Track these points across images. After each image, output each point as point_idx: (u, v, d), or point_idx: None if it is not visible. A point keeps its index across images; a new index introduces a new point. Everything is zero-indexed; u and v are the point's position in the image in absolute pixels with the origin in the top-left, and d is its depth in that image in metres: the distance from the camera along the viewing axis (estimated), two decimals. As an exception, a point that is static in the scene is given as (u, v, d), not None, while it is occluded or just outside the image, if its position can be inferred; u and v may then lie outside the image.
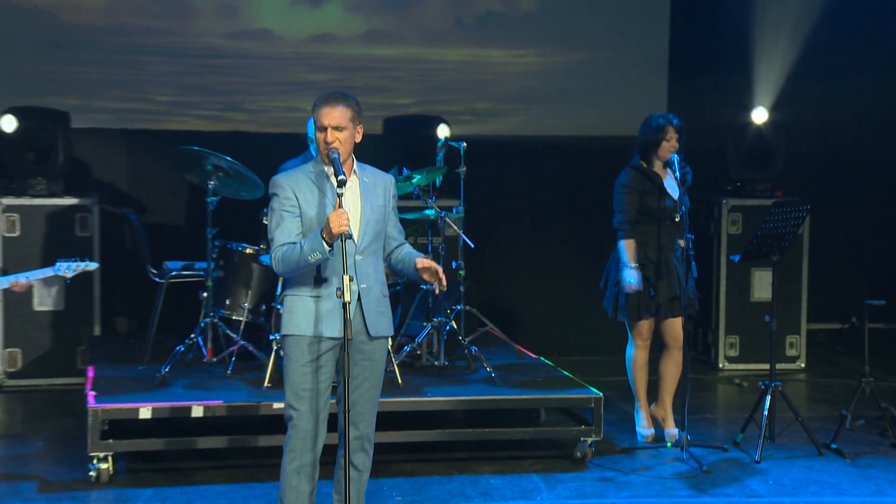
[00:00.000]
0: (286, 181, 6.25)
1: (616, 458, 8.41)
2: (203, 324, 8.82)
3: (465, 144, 9.16)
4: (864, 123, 12.24)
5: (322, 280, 6.19)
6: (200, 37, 11.16)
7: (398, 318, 9.09)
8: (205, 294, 8.82)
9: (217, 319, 8.83)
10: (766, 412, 8.52)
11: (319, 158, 6.24)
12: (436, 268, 6.24)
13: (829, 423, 8.92)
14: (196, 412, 7.88)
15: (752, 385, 10.22)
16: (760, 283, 11.03)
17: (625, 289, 8.39)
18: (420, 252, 6.44)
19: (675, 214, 8.45)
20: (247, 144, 10.73)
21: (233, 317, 8.80)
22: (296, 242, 6.12)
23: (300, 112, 10.69)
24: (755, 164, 11.24)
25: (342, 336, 6.07)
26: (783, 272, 10.98)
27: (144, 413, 7.84)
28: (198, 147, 8.73)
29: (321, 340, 6.17)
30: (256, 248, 8.78)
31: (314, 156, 7.07)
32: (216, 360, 8.85)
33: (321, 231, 6.01)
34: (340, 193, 6.02)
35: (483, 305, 11.01)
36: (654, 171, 8.61)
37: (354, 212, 6.24)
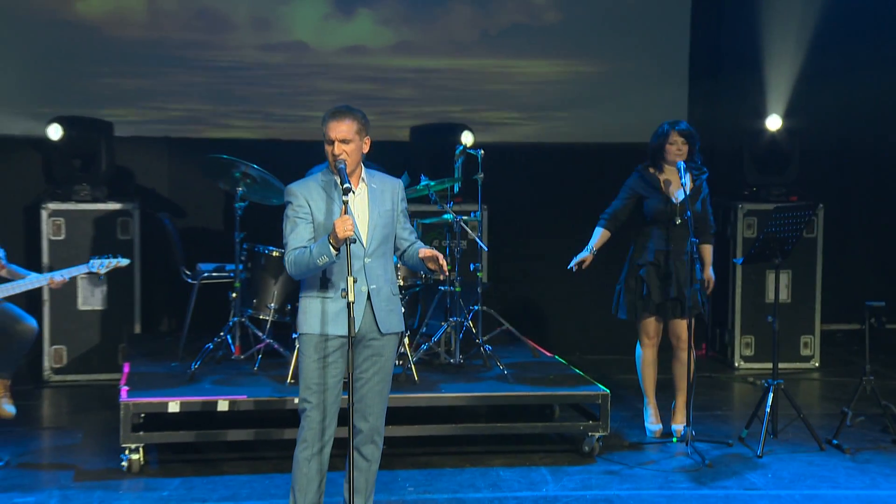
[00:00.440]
0: (299, 190, 6.52)
1: (624, 453, 8.57)
2: (231, 323, 9.05)
3: (483, 152, 9.29)
4: (879, 126, 12.25)
5: (330, 282, 6.47)
6: (237, 49, 11.31)
7: (418, 318, 9.34)
8: (233, 294, 9.06)
9: (245, 319, 9.05)
10: (769, 409, 8.68)
11: (329, 168, 6.51)
12: (436, 255, 6.49)
13: (834, 420, 9.03)
14: (222, 406, 8.11)
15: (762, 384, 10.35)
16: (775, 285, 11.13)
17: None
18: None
19: (676, 217, 8.60)
20: (282, 151, 10.91)
21: (260, 316, 8.98)
22: (306, 247, 6.39)
23: None
24: (770, 170, 11.33)
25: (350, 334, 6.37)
26: (798, 274, 11.18)
27: (173, 407, 8.10)
28: (227, 155, 8.94)
29: (328, 339, 6.44)
30: (282, 252, 9.01)
31: None
32: (244, 358, 9.05)
33: (328, 236, 6.28)
34: (346, 201, 6.29)
35: (507, 306, 11.26)
36: (655, 176, 8.77)
37: (363, 217, 6.51)
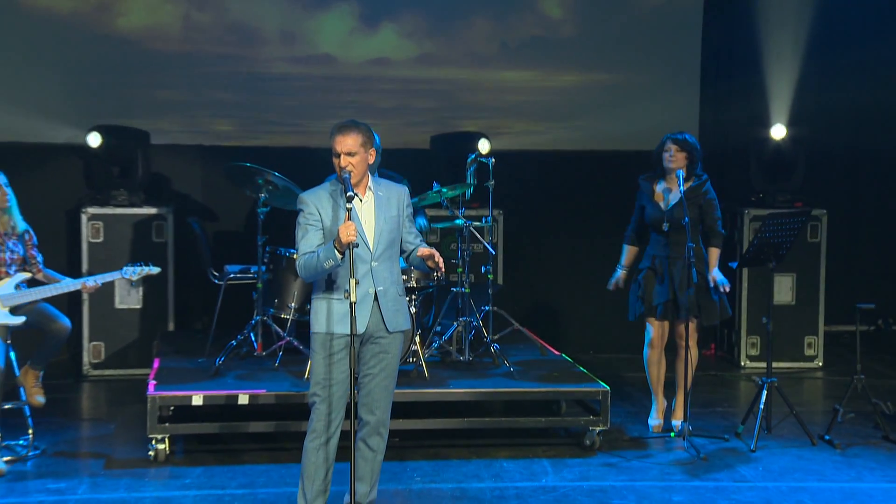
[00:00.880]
0: (310, 198, 6.83)
1: (624, 447, 8.78)
2: (254, 321, 9.34)
3: (494, 160, 9.51)
4: (884, 132, 12.37)
5: (336, 284, 6.77)
6: (267, 62, 11.53)
7: (432, 317, 9.61)
8: (256, 295, 9.36)
9: (267, 317, 9.32)
10: (763, 406, 8.88)
11: (338, 178, 6.81)
12: (433, 252, 6.77)
13: (829, 417, 9.19)
14: (242, 400, 8.38)
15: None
16: (781, 288, 11.32)
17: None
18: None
19: (664, 224, 8.82)
20: (308, 158, 11.00)
21: (281, 315, 9.21)
22: (315, 252, 6.69)
23: None
24: (776, 177, 11.51)
25: (358, 332, 6.67)
26: (802, 277, 11.36)
27: (196, 400, 8.38)
28: (249, 164, 9.21)
29: (334, 337, 6.74)
30: (302, 255, 9.29)
31: None
32: (266, 354, 9.30)
33: (333, 241, 6.59)
34: (349, 209, 6.59)
35: (521, 306, 11.52)
36: (651, 185, 9.00)
37: (370, 223, 6.80)
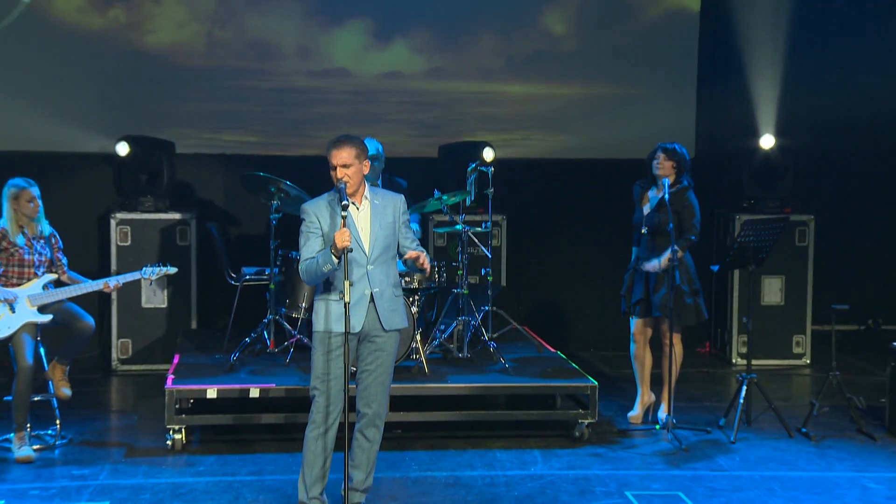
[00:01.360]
0: (311, 208, 7.18)
1: (612, 438, 9.07)
2: (267, 320, 9.65)
3: (493, 169, 9.81)
4: (868, 142, 12.57)
5: (334, 286, 7.11)
6: (286, 75, 11.76)
7: (434, 315, 9.93)
8: (269, 295, 9.69)
9: (279, 316, 9.64)
10: (742, 400, 9.15)
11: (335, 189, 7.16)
12: (417, 254, 7.09)
13: (808, 411, 9.40)
14: (253, 393, 8.71)
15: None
16: (770, 289, 11.60)
17: None
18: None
19: (643, 227, 9.11)
20: (326, 167, 11.44)
21: (292, 314, 9.51)
22: (315, 257, 7.04)
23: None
24: (767, 184, 11.75)
25: (354, 331, 7.02)
26: (791, 279, 11.63)
27: (211, 393, 8.72)
28: (263, 173, 9.50)
29: (332, 335, 7.08)
30: (312, 258, 9.60)
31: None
32: (278, 351, 9.59)
33: (330, 247, 6.93)
34: (344, 216, 6.93)
35: (525, 306, 11.81)
36: (642, 191, 9.27)
37: (366, 230, 7.14)
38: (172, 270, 8.88)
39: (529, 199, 12.06)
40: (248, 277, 10.06)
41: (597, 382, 9.05)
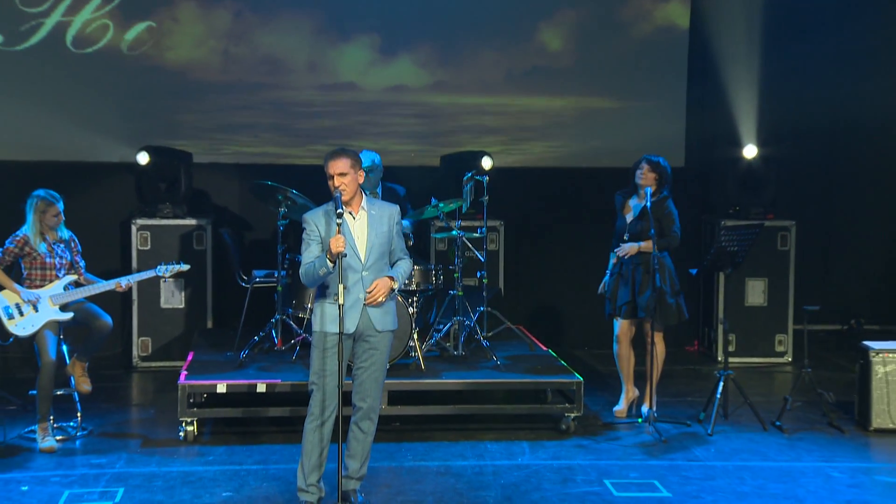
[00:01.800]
0: (311, 217, 7.47)
1: (597, 431, 9.34)
2: (274, 320, 9.93)
3: (488, 178, 10.09)
4: (847, 150, 12.84)
5: (329, 290, 7.41)
6: (297, 89, 12.00)
7: (432, 316, 10.22)
8: (277, 296, 9.97)
9: (286, 316, 9.91)
10: (719, 395, 9.41)
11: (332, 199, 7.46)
12: (376, 284, 7.33)
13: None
14: (260, 388, 9.00)
15: (740, 375, 10.78)
16: (754, 291, 11.86)
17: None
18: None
19: (625, 234, 9.39)
20: None
21: (298, 314, 9.76)
22: (313, 262, 7.34)
23: (380, 150, 11.28)
24: (751, 191, 12.00)
25: (348, 332, 7.33)
26: (773, 281, 11.88)
27: (220, 388, 9.00)
28: (271, 182, 9.78)
29: (327, 335, 7.39)
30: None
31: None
32: (285, 349, 9.87)
33: (326, 252, 7.24)
34: (339, 223, 7.22)
35: (522, 307, 12.06)
36: (623, 199, 9.53)
37: (362, 238, 7.42)
38: (185, 268, 9.18)
39: (526, 205, 12.32)
40: (258, 280, 10.33)
41: (582, 378, 9.32)
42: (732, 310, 11.76)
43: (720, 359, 11.82)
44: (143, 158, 11.45)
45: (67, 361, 9.16)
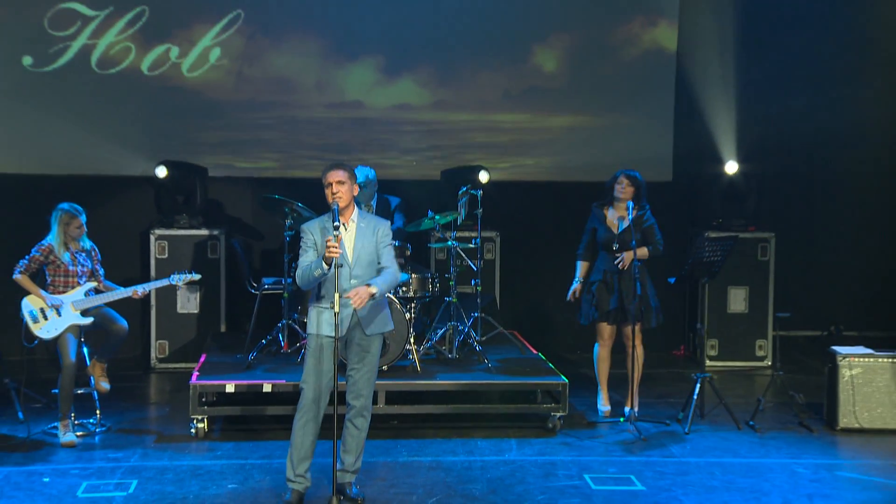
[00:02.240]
0: (308, 227, 7.79)
1: (581, 429, 9.61)
2: (281, 324, 10.23)
3: (482, 192, 10.39)
4: (824, 165, 13.06)
5: (321, 296, 7.73)
6: (305, 107, 12.23)
7: (429, 320, 10.52)
8: (283, 302, 10.27)
9: (291, 321, 10.21)
10: (696, 397, 9.69)
11: (330, 214, 7.76)
12: (357, 290, 7.57)
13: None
14: (266, 388, 9.29)
15: (723, 378, 11.29)
16: (735, 298, 12.13)
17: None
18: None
19: (614, 244, 9.64)
20: None
21: (303, 319, 9.91)
22: (309, 265, 7.65)
23: (384, 165, 11.95)
24: (733, 205, 12.26)
25: (340, 335, 7.63)
26: (754, 290, 12.13)
27: (229, 388, 9.30)
28: (278, 195, 10.08)
29: (320, 337, 7.71)
30: (322, 269, 10.13)
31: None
32: (290, 352, 10.14)
33: (321, 256, 7.57)
34: (336, 233, 7.52)
35: (517, 313, 12.30)
36: (602, 211, 9.78)
37: (350, 247, 7.74)
38: (197, 277, 9.50)
39: (522, 217, 12.57)
40: (267, 287, 10.61)
41: (567, 380, 9.60)
42: (715, 317, 12.13)
43: (705, 362, 12.11)
44: (162, 172, 11.73)
45: (88, 362, 9.48)
